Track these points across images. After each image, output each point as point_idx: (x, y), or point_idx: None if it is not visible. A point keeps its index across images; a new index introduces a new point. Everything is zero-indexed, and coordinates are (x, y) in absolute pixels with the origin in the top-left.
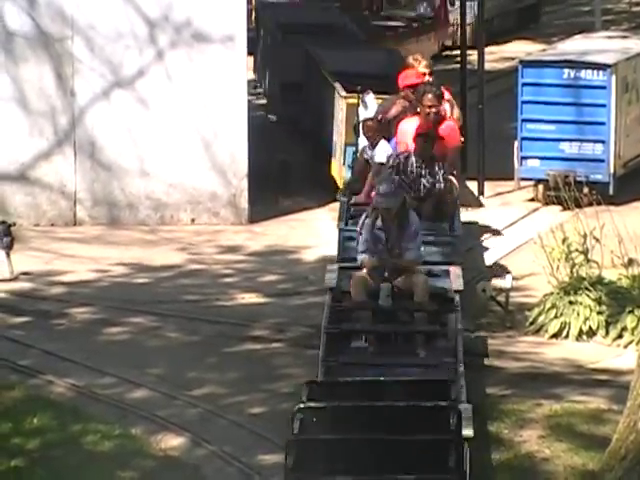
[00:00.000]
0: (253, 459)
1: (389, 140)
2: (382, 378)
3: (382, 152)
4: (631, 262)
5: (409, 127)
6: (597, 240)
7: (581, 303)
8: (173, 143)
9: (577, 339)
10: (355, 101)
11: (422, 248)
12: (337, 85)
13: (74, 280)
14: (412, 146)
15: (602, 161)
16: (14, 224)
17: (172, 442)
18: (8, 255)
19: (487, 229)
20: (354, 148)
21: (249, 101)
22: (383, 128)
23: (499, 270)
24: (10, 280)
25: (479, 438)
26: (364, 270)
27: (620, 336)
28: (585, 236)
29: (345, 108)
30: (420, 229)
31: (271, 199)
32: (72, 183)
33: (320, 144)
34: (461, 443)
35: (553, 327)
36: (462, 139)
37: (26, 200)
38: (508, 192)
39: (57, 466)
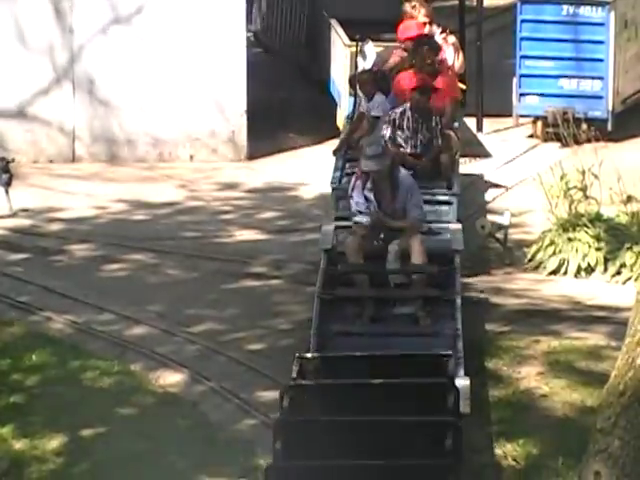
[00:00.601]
0: (252, 395)
1: (387, 93)
2: (376, 353)
3: (378, 105)
4: (630, 199)
5: (406, 80)
6: (596, 177)
7: (580, 240)
8: (172, 80)
9: (576, 276)
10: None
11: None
12: (340, 32)
13: (73, 217)
14: (408, 100)
15: (600, 98)
16: (13, 160)
17: (171, 378)
18: (7, 192)
19: (486, 164)
20: (353, 99)
21: (247, 37)
22: (379, 80)
23: (498, 207)
24: (9, 217)
25: (478, 375)
26: (358, 232)
27: (619, 273)
28: (584, 173)
29: (349, 56)
30: (415, 188)
31: (270, 136)
32: (71, 120)
33: (323, 90)
34: (458, 425)
35: (552, 264)
36: (464, 87)
37: (25, 137)
38: (507, 129)
39: (56, 402)
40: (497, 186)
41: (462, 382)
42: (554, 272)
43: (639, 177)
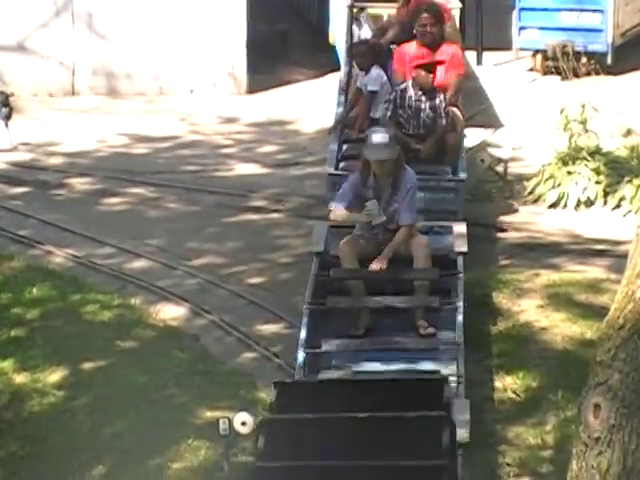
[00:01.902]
0: (252, 329)
1: (385, 67)
2: (364, 378)
3: (375, 80)
4: (629, 132)
5: (407, 53)
6: (595, 110)
7: (579, 173)
8: (171, 13)
9: (575, 209)
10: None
11: (422, 197)
12: None
13: (73, 150)
14: (410, 76)
15: (600, 31)
16: (12, 94)
17: (171, 312)
18: (7, 125)
19: (485, 99)
20: (347, 70)
21: None
22: (377, 53)
23: (497, 140)
24: (9, 150)
25: (478, 308)
26: (340, 214)
27: (618, 206)
28: (583, 106)
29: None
30: (415, 190)
31: (270, 69)
32: (70, 53)
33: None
34: (455, 469)
35: (551, 197)
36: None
37: (24, 70)
38: (506, 62)
39: (57, 336)
40: (497, 119)
41: (462, 406)
42: (554, 205)
43: (639, 110)
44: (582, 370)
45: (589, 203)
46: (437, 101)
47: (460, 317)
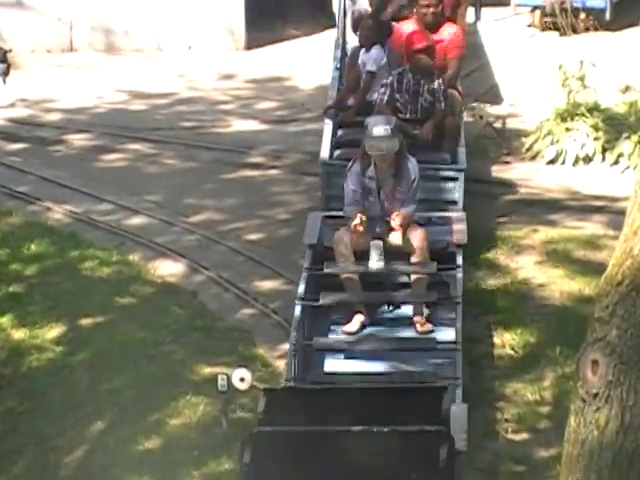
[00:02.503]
0: (250, 285)
1: (383, 45)
2: (357, 386)
3: (374, 60)
4: (628, 88)
5: (405, 32)
6: (594, 66)
7: (578, 129)
8: None
9: (574, 165)
10: None
11: (420, 186)
12: None
13: (71, 107)
14: (406, 61)
15: None
16: (10, 50)
17: (170, 268)
18: (4, 82)
19: (484, 54)
20: (340, 47)
21: None
22: (382, 31)
23: (495, 96)
24: (7, 107)
25: (477, 265)
26: (351, 224)
27: (617, 162)
28: (582, 62)
29: None
30: (418, 181)
31: (268, 26)
32: (68, 9)
33: None
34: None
35: (550, 153)
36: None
37: (22, 26)
38: (505, 18)
39: (55, 292)
40: (495, 76)
41: (459, 410)
42: (552, 162)
43: (637, 66)
44: (580, 326)
45: (587, 159)
46: (436, 84)
47: (459, 315)
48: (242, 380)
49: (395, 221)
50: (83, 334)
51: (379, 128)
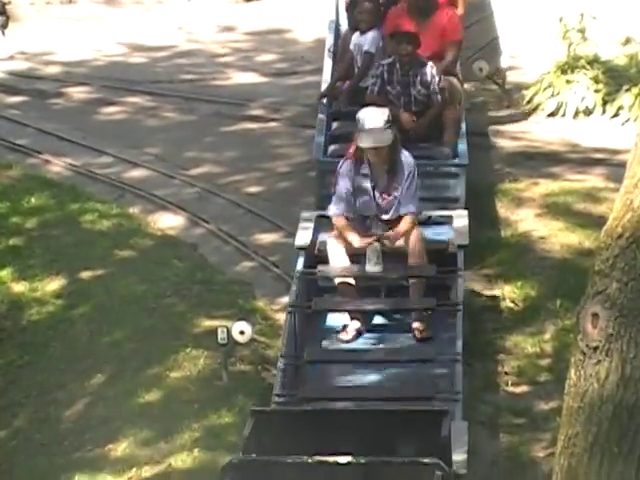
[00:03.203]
0: (250, 238)
1: (379, 29)
2: (351, 408)
3: (372, 41)
4: (628, 40)
5: (395, 17)
6: (594, 18)
7: (578, 82)
8: None
9: (574, 118)
10: None
11: (419, 183)
12: None
13: (70, 59)
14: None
15: None
16: (9, 2)
17: (170, 221)
18: (3, 34)
19: (484, 7)
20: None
21: None
22: (379, 14)
23: (495, 49)
24: (6, 59)
25: (477, 217)
26: (342, 227)
27: (617, 114)
28: (582, 15)
29: None
30: (415, 175)
31: None
32: None
33: None
34: None
35: (550, 106)
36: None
37: None
38: None
39: (55, 245)
40: (495, 28)
41: (459, 431)
42: (552, 114)
43: (637, 18)
44: (580, 279)
45: (588, 112)
46: (428, 75)
47: (460, 322)
48: (242, 333)
49: (402, 226)
50: (83, 287)
51: (372, 120)
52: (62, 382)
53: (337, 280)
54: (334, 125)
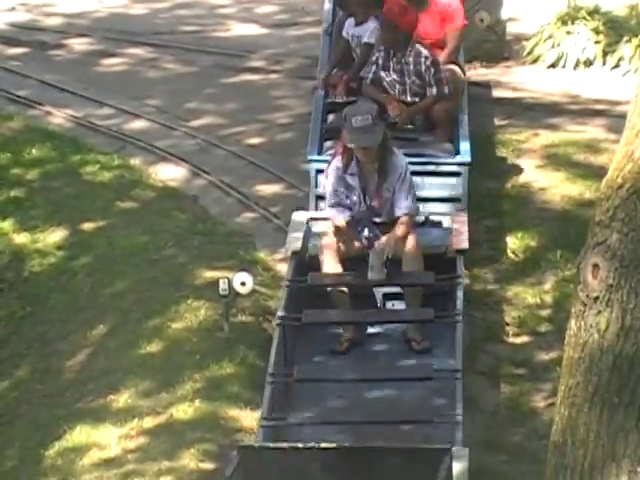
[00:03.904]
0: (251, 189)
1: (378, 18)
2: (346, 445)
3: (372, 32)
4: None
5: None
6: None
7: (578, 33)
8: None
9: (574, 69)
10: None
11: (419, 182)
12: None
13: (71, 11)
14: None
15: None
16: None
17: (171, 173)
18: None
19: None
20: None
21: None
22: (376, 2)
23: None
24: (7, 11)
25: (477, 168)
26: (336, 228)
27: (617, 65)
28: None
29: None
30: (408, 173)
31: None
32: None
33: None
34: None
35: (550, 57)
36: None
37: None
38: None
39: (56, 196)
40: None
41: (459, 457)
42: (553, 65)
43: None
44: (581, 230)
45: (588, 63)
46: (422, 67)
47: (459, 334)
48: (243, 284)
49: (398, 230)
50: (84, 238)
51: (359, 118)
52: (64, 333)
53: (330, 288)
54: (330, 118)
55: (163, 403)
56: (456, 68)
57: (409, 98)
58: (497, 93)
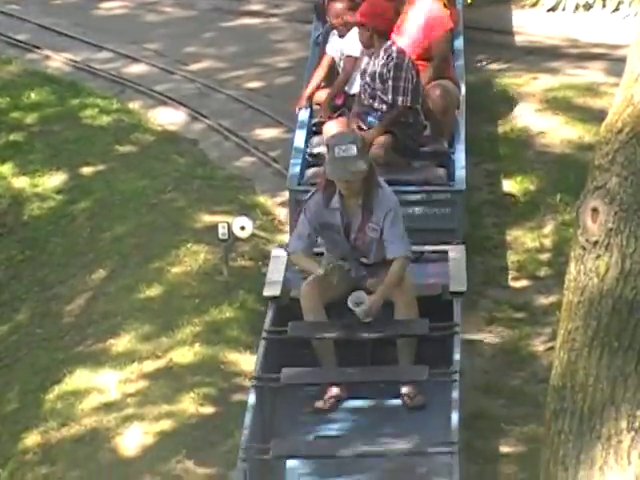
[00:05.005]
0: (251, 133)
1: None
2: None
3: (355, 43)
4: None
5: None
6: None
7: None
8: None
9: (574, 12)
10: None
11: (410, 213)
12: None
13: None
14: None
15: None
16: None
17: (170, 117)
18: None
19: None
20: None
21: None
22: (357, 9)
23: None
24: None
25: (477, 113)
26: (299, 262)
27: (617, 9)
28: None
29: None
30: (397, 209)
31: None
32: None
33: None
34: None
35: (550, 0)
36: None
37: None
38: None
39: (56, 140)
40: None
41: None
42: (552, 9)
43: None
44: (580, 173)
45: (588, 6)
46: (403, 72)
47: (456, 394)
48: (243, 228)
49: (391, 276)
50: (84, 182)
51: (342, 148)
52: (63, 277)
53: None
54: (314, 140)
55: (163, 347)
56: (449, 83)
57: (376, 104)
58: (496, 37)
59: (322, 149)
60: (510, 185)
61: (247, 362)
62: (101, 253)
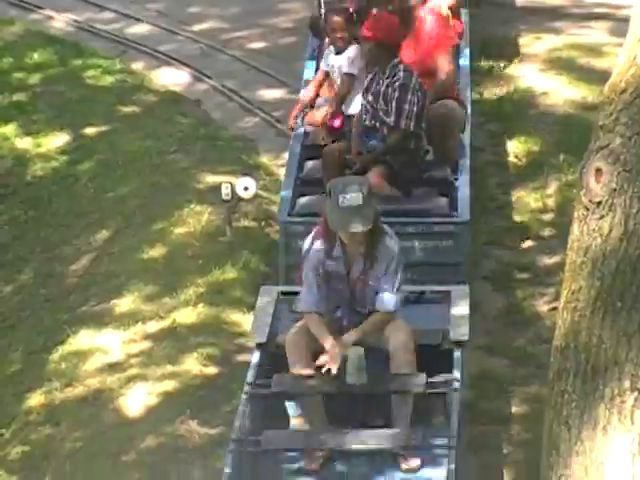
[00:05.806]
0: (254, 94)
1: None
2: None
3: (353, 60)
4: None
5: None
6: None
7: None
8: None
9: None
10: None
11: (410, 247)
12: None
13: None
14: None
15: None
16: None
17: (173, 77)
18: None
19: None
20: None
21: None
22: (355, 25)
23: None
24: None
25: (480, 72)
26: (314, 326)
27: None
28: None
29: None
30: (398, 262)
31: None
32: None
33: None
34: None
35: None
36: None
37: None
38: None
39: (59, 101)
40: None
41: None
42: None
43: None
44: (584, 134)
45: None
46: (409, 94)
47: (452, 462)
48: (246, 189)
49: (367, 325)
50: (87, 143)
51: (347, 197)
52: (66, 238)
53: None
54: (308, 165)
55: (166, 308)
56: (453, 104)
57: (378, 125)
58: None
59: (317, 175)
60: (514, 145)
61: (250, 323)
62: (104, 214)
